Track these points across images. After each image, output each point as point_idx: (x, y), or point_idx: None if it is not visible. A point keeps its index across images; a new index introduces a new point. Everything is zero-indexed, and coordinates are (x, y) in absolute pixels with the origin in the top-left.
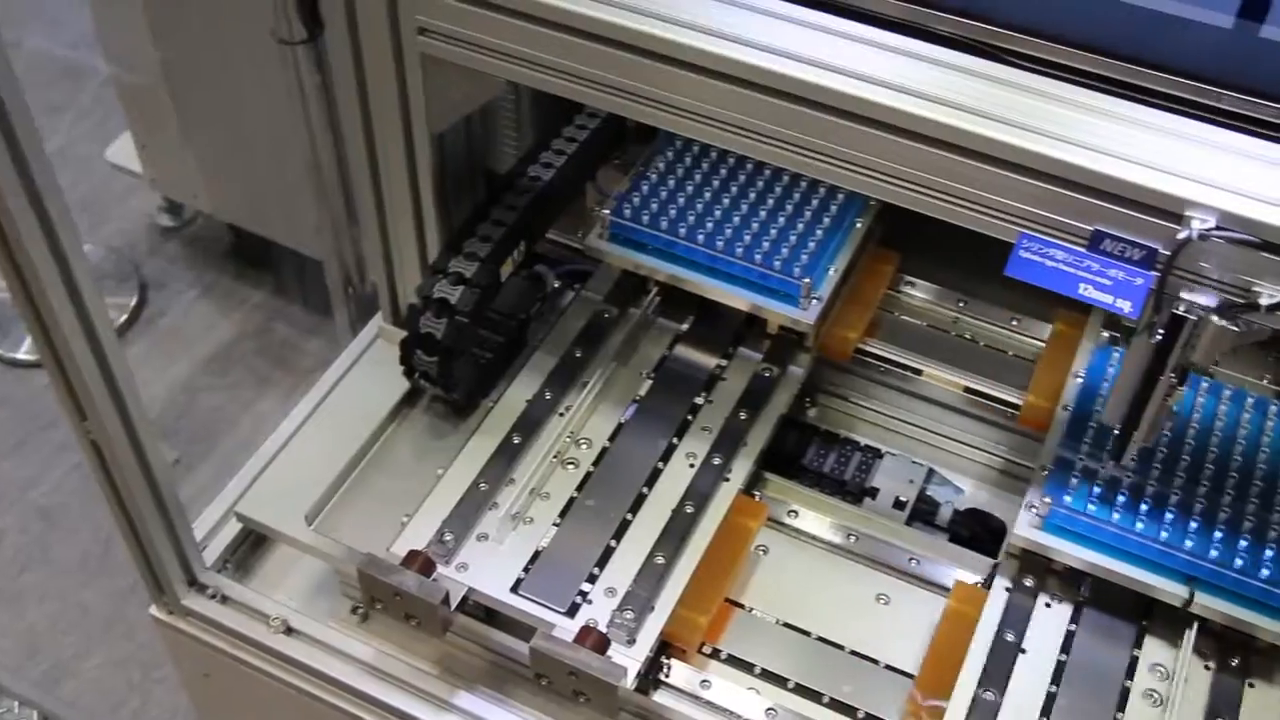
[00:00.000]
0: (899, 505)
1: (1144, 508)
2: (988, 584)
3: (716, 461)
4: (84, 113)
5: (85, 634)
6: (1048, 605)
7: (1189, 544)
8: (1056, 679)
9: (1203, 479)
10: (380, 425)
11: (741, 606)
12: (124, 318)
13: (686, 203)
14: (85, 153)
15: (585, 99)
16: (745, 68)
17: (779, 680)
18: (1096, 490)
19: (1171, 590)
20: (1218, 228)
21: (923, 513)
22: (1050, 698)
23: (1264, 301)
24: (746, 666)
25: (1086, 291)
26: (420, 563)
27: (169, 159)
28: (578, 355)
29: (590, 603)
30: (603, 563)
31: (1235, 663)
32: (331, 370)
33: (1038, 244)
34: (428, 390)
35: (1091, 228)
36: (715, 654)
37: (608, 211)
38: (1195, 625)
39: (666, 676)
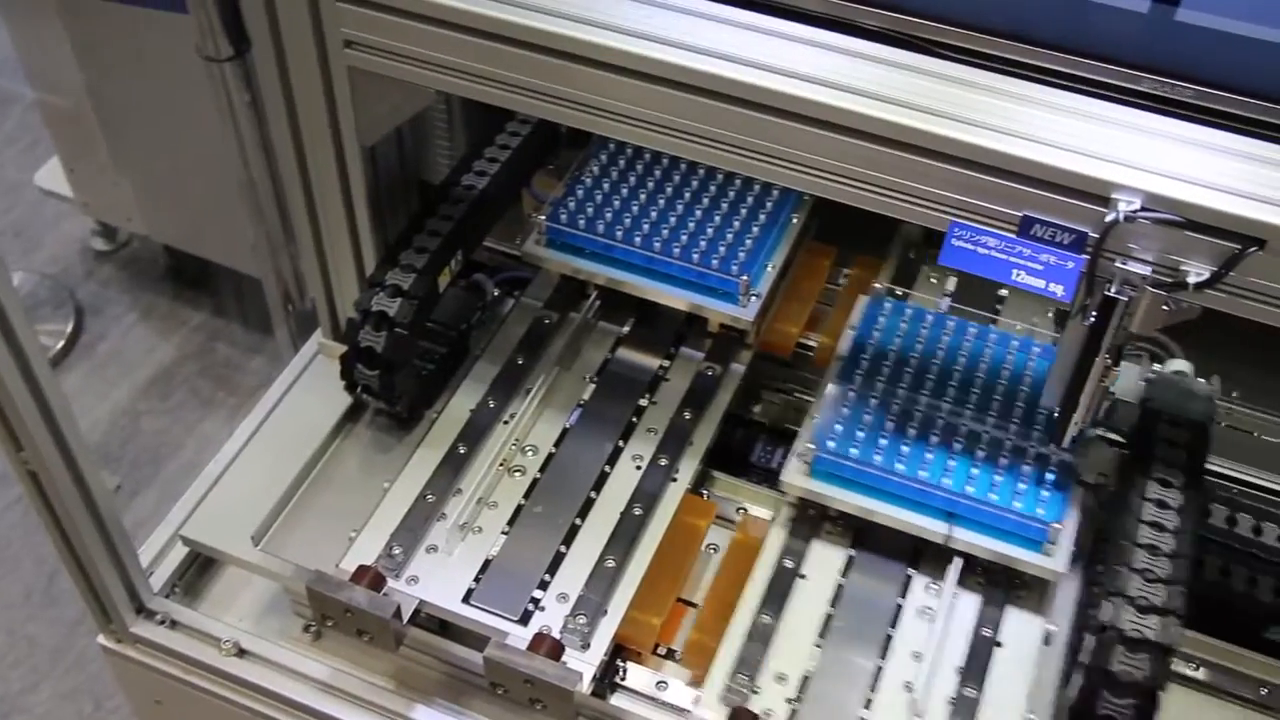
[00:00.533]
0: None
1: (904, 449)
2: None
3: (663, 462)
4: (10, 138)
5: (33, 667)
6: (829, 533)
7: (947, 482)
8: (834, 603)
9: (963, 419)
10: (324, 441)
11: (695, 606)
12: (61, 344)
13: (622, 205)
14: (14, 179)
15: (515, 106)
16: (673, 68)
17: None
18: (860, 434)
19: (933, 528)
20: (1143, 209)
21: None
22: (827, 619)
23: (1192, 280)
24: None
25: (1019, 277)
26: (370, 577)
27: (100, 182)
28: (520, 362)
29: (543, 609)
30: (553, 569)
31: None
32: (273, 389)
33: (969, 232)
34: (370, 404)
35: (1021, 214)
36: (670, 654)
37: (544, 217)
38: (960, 560)
39: (623, 679)
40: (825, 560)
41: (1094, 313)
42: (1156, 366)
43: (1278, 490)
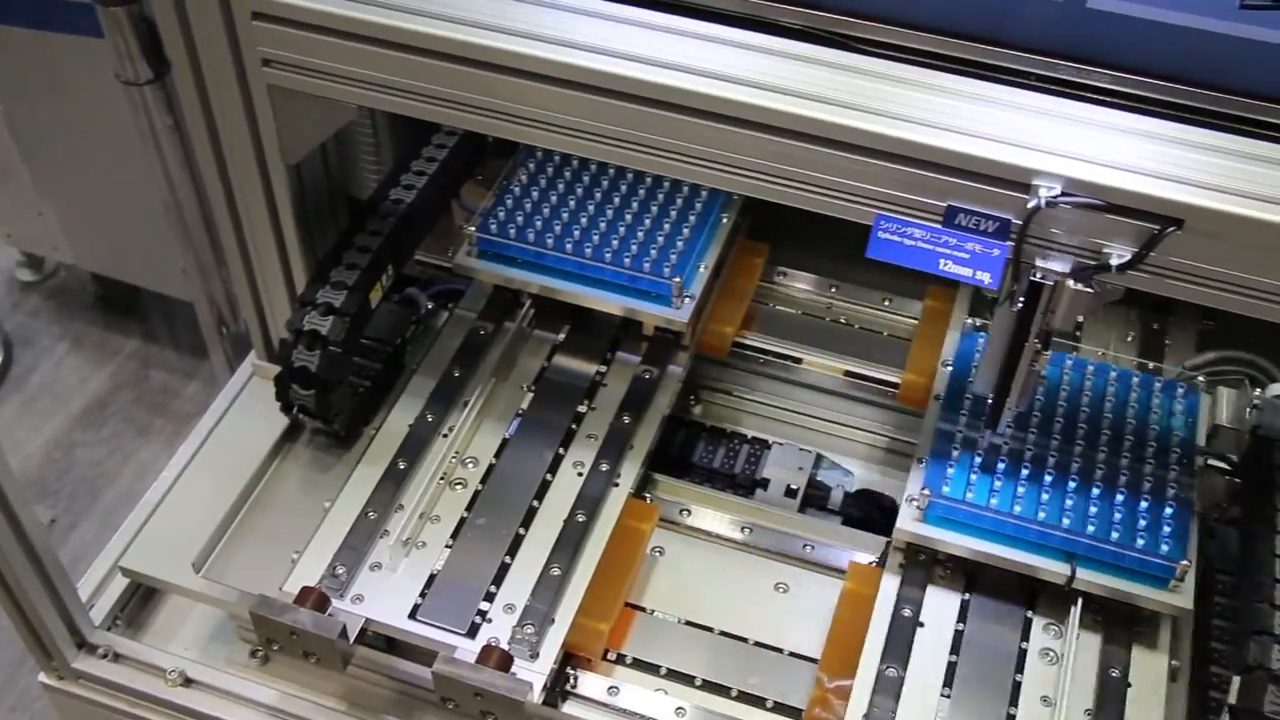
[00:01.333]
0: (790, 494)
1: (1020, 490)
2: (881, 562)
3: (604, 468)
4: None
5: None
6: (941, 577)
7: (1066, 522)
8: (955, 649)
9: (1074, 455)
10: (263, 464)
11: (643, 609)
12: None
13: (552, 213)
14: None
15: (438, 118)
16: (595, 74)
17: (686, 679)
18: (973, 477)
19: (1054, 569)
20: (1064, 194)
21: (815, 498)
22: (951, 667)
23: (1115, 261)
24: (653, 669)
25: (946, 267)
26: (314, 598)
27: (23, 212)
28: (456, 375)
29: (490, 621)
30: (499, 580)
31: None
32: (209, 413)
33: (895, 224)
34: (308, 424)
35: (946, 204)
36: (620, 659)
37: (474, 228)
38: (1080, 600)
39: (574, 687)
40: (942, 605)
41: (1021, 298)
42: (1259, 392)
43: None
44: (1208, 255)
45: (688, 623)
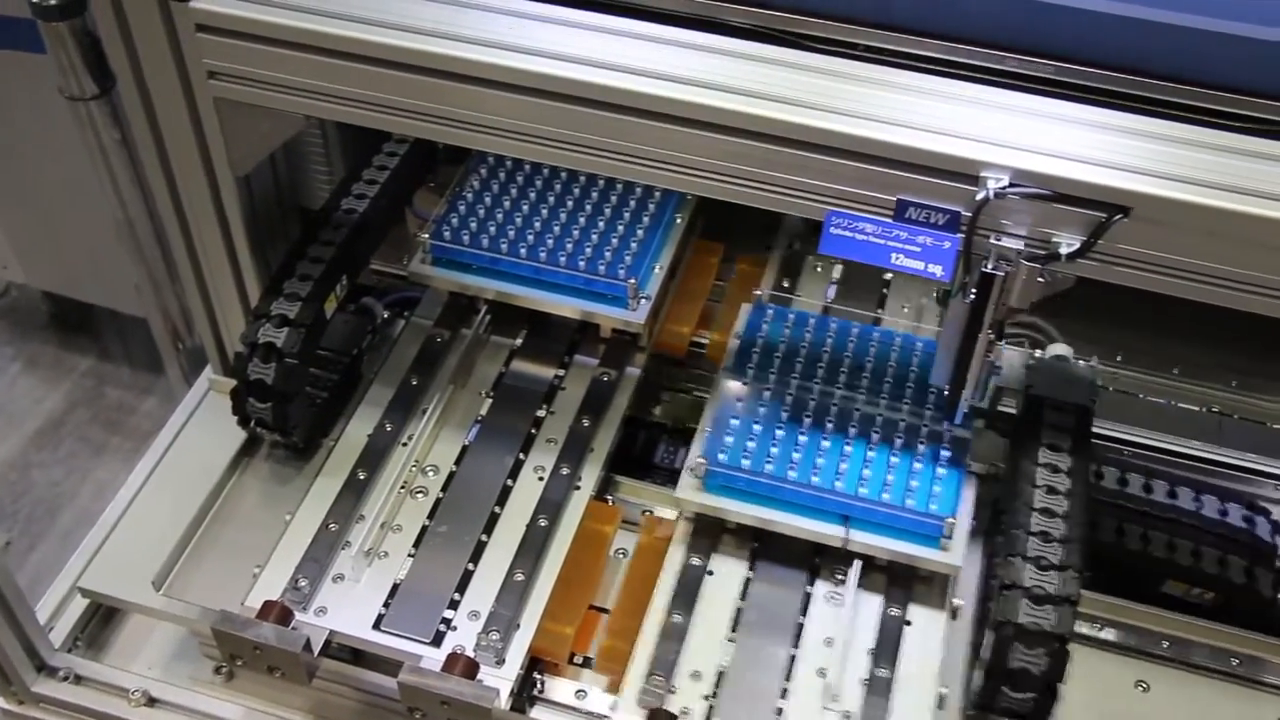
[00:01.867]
0: None
1: (796, 456)
2: None
3: (565, 471)
4: None
5: None
6: (729, 537)
7: (840, 485)
8: (743, 596)
9: (853, 420)
10: (221, 478)
11: (607, 612)
12: None
13: (505, 218)
14: None
15: (386, 126)
16: (543, 78)
17: None
18: (750, 445)
19: (830, 532)
20: (1012, 185)
21: None
22: (737, 612)
23: (1064, 250)
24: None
25: (898, 260)
26: (277, 612)
27: None
28: (414, 383)
29: (455, 629)
30: (463, 587)
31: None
32: (166, 429)
33: (846, 219)
34: (266, 436)
35: (896, 198)
36: (587, 662)
37: (427, 236)
38: (859, 563)
39: (541, 692)
40: (729, 565)
41: (973, 290)
42: (1037, 353)
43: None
44: (1155, 242)
45: None
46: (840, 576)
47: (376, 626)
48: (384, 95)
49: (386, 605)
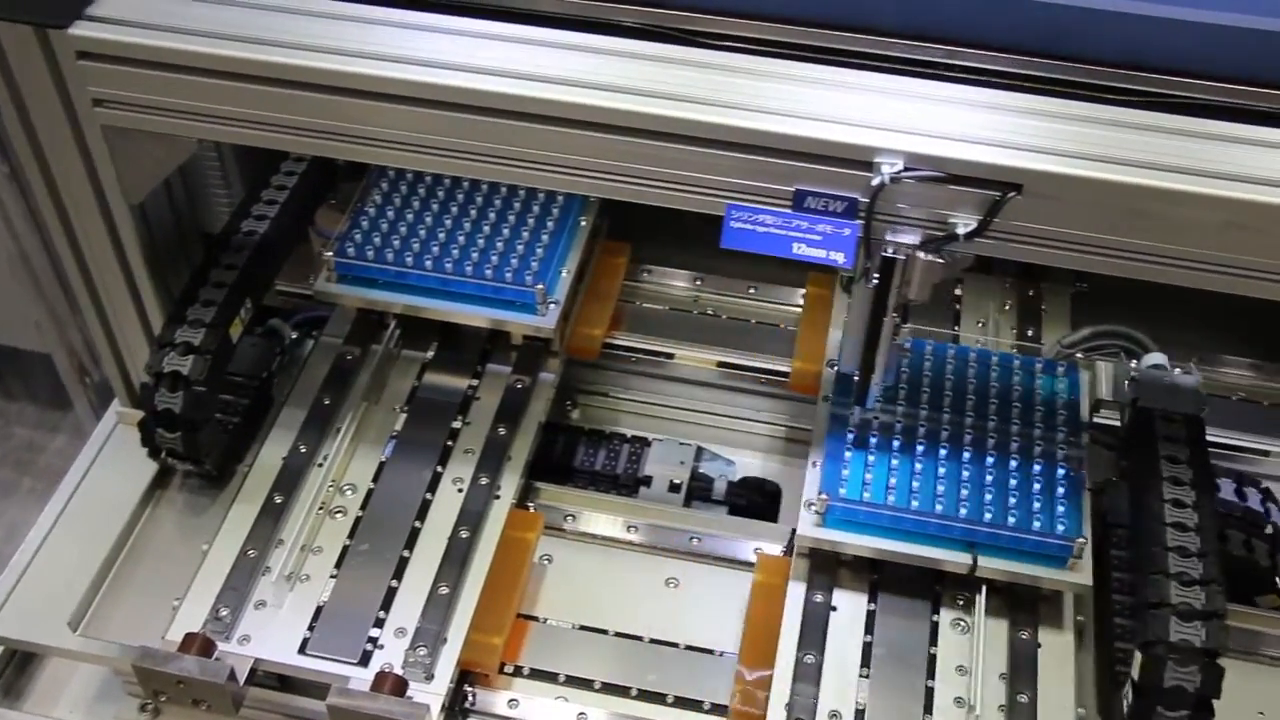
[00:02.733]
0: (674, 489)
1: (915, 484)
2: (789, 551)
3: (484, 481)
4: None
5: None
6: (846, 570)
7: (963, 512)
8: (869, 629)
9: (965, 444)
10: (134, 512)
11: (536, 619)
12: None
13: (409, 231)
14: None
15: (281, 145)
16: (433, 88)
17: (585, 683)
18: (868, 476)
19: (956, 559)
20: (906, 169)
21: (699, 491)
22: (866, 647)
23: (961, 231)
24: (551, 677)
25: (800, 250)
26: (199, 644)
27: None
28: (326, 402)
29: (382, 647)
30: (387, 604)
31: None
32: (75, 466)
33: (746, 212)
34: (178, 467)
35: (793, 188)
36: (518, 671)
37: (331, 253)
38: (984, 586)
39: (473, 704)
40: (851, 599)
41: (876, 274)
42: (1134, 364)
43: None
44: (1048, 217)
45: (582, 627)
46: (962, 601)
47: (302, 651)
48: (275, 114)
49: (311, 628)
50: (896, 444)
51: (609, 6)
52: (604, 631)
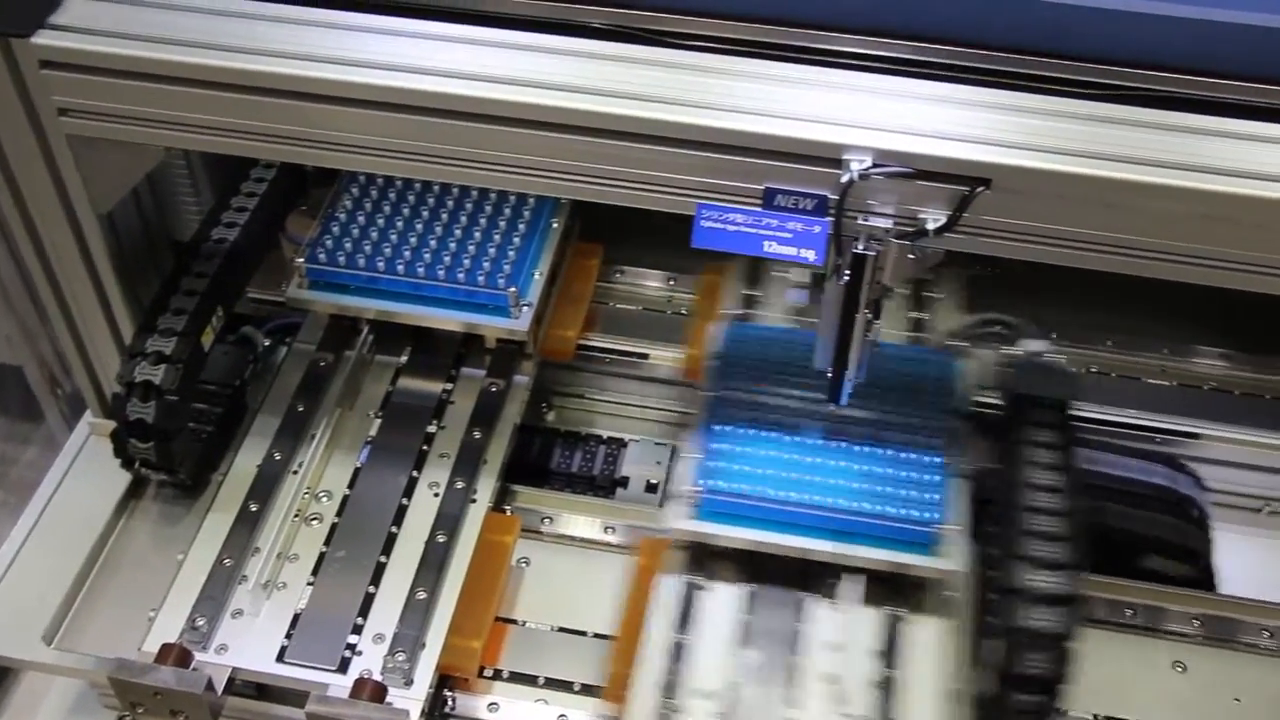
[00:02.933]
0: (651, 489)
1: (788, 474)
2: None
3: (460, 485)
4: None
5: None
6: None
7: (837, 502)
8: (745, 609)
9: (841, 434)
10: (109, 523)
11: (514, 622)
12: None
13: (380, 235)
14: None
15: (249, 152)
16: (401, 92)
17: (565, 685)
18: (740, 467)
19: (828, 549)
20: (875, 165)
21: None
22: (741, 626)
23: (931, 226)
24: (530, 680)
25: (771, 248)
26: (175, 654)
27: None
28: (300, 409)
29: (360, 654)
30: (365, 610)
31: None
32: (48, 478)
33: (716, 211)
34: (152, 477)
35: (763, 187)
36: (498, 675)
37: (302, 260)
38: (859, 576)
39: (453, 709)
40: (724, 585)
41: (847, 271)
42: (1011, 351)
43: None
44: (1017, 211)
45: (561, 629)
46: (835, 582)
47: (280, 659)
48: (242, 121)
49: (289, 636)
50: (771, 435)
51: (577, 8)
52: (583, 633)
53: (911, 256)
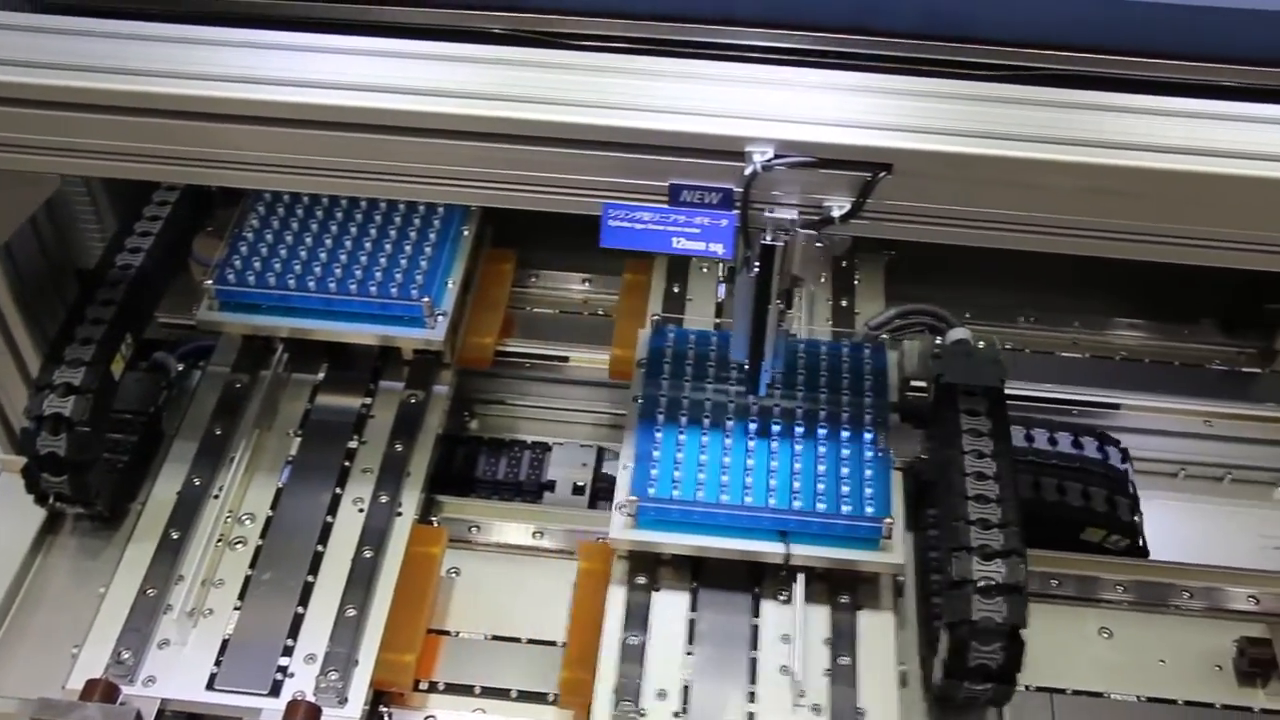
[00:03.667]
0: (578, 491)
1: (725, 478)
2: None
3: (384, 499)
4: None
5: None
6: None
7: (773, 501)
8: (693, 607)
9: (773, 434)
10: (24, 561)
11: (447, 633)
12: None
13: (290, 252)
14: None
15: (144, 175)
16: (294, 107)
17: (502, 693)
18: (678, 474)
19: (770, 550)
20: (777, 156)
21: (604, 491)
22: (690, 625)
23: (836, 213)
24: (467, 690)
25: (680, 244)
26: (101, 690)
27: None
28: (218, 433)
29: (292, 675)
30: (295, 632)
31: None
32: None
33: (623, 210)
34: (68, 510)
35: (668, 183)
36: (433, 687)
37: (211, 281)
38: (802, 576)
39: None
40: (673, 589)
41: (757, 263)
42: (938, 340)
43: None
44: (920, 194)
45: (495, 637)
46: (784, 575)
47: (211, 686)
48: (137, 144)
49: (218, 663)
50: (704, 438)
51: (474, 14)
52: (517, 640)
53: (819, 244)
